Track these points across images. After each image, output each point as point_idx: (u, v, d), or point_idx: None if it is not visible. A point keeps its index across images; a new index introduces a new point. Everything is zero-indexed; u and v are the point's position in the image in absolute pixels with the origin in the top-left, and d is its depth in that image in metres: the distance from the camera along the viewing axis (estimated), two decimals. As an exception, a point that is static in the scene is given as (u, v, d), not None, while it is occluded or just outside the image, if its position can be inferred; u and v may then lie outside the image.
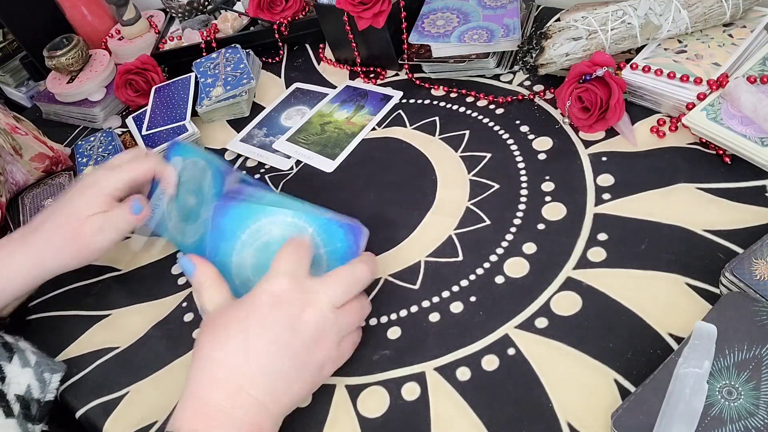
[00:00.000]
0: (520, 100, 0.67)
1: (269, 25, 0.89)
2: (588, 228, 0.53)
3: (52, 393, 0.55)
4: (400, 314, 0.52)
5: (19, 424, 0.52)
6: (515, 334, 0.48)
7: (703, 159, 0.54)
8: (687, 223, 0.50)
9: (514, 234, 0.54)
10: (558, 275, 0.50)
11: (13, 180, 0.78)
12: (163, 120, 0.81)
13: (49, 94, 0.96)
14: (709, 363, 0.38)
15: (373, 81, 0.78)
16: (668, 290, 0.46)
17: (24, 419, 0.52)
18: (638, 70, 0.59)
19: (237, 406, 0.41)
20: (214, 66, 0.85)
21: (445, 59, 0.72)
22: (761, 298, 0.41)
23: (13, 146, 0.79)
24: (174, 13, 1.03)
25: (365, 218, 0.61)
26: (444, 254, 0.55)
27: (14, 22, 1.03)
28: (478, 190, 0.59)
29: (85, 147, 0.82)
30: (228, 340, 0.43)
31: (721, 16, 0.58)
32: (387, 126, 0.71)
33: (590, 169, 0.57)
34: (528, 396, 0.44)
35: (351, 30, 0.76)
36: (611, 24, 0.60)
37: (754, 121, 0.51)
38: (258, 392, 0.42)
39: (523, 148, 0.62)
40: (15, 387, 0.52)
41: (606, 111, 0.58)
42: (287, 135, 0.75)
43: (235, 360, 0.42)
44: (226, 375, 0.42)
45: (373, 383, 0.48)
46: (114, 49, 1.02)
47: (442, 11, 0.75)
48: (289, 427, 0.47)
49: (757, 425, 0.36)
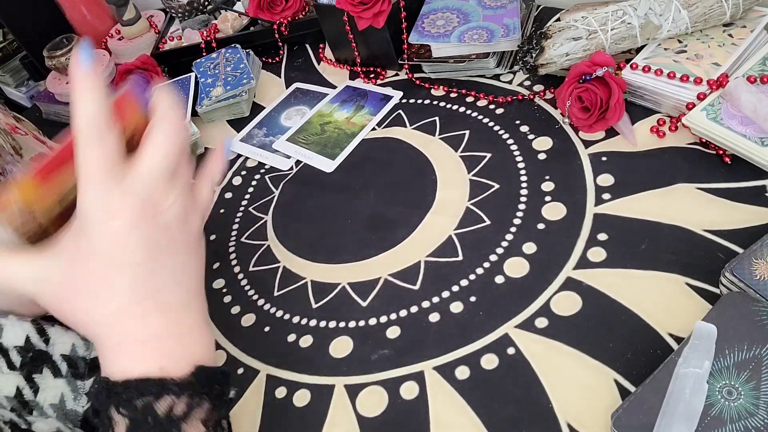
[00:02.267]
0: (520, 100, 0.67)
1: (269, 25, 0.89)
2: (588, 228, 0.53)
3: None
4: (399, 314, 0.52)
5: (68, 382, 0.52)
6: (515, 333, 0.48)
7: (703, 159, 0.54)
8: (687, 223, 0.50)
9: (514, 234, 0.54)
10: (558, 275, 0.50)
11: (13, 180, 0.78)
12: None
13: (49, 94, 0.96)
14: (709, 363, 0.38)
15: (373, 81, 0.78)
16: (668, 290, 0.46)
17: (72, 377, 0.53)
18: (638, 70, 0.59)
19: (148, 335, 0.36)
20: (214, 66, 0.85)
21: (445, 59, 0.72)
22: (761, 298, 0.41)
23: (13, 146, 0.79)
24: (174, 13, 1.03)
25: (365, 218, 0.62)
26: (444, 254, 0.55)
27: (14, 22, 1.03)
28: (478, 190, 0.59)
29: (85, 147, 0.82)
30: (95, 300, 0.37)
31: (721, 16, 0.58)
32: (387, 126, 0.71)
33: (590, 169, 0.57)
34: (527, 396, 0.44)
35: (351, 30, 0.76)
36: (611, 24, 0.60)
37: (754, 121, 0.51)
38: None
39: (523, 148, 0.62)
40: (60, 347, 0.52)
41: (606, 111, 0.58)
42: (287, 135, 0.75)
43: (117, 314, 0.37)
44: (120, 335, 0.37)
45: (372, 383, 0.48)
46: (114, 49, 1.02)
47: (442, 11, 0.75)
48: (288, 426, 0.47)
49: (757, 425, 0.36)
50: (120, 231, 0.36)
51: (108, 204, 0.35)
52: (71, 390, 0.53)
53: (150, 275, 0.37)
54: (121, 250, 0.36)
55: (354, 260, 0.58)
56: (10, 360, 0.50)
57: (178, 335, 0.37)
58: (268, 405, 0.50)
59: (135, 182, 0.36)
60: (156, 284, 0.37)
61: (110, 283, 0.36)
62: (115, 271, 0.36)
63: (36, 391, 0.51)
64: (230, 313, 0.58)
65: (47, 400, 0.52)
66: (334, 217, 0.63)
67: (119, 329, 0.37)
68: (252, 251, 0.63)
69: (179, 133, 0.38)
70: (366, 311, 0.53)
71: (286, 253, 0.62)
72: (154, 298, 0.37)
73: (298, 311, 0.56)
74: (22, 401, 0.50)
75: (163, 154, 0.37)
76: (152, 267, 0.37)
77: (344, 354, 0.51)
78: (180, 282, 0.39)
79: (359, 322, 0.53)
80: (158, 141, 0.37)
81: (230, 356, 0.54)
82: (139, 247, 0.36)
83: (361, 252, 0.58)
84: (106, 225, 0.36)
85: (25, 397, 0.50)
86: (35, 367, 0.51)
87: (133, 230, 0.36)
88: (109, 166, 0.35)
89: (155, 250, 0.37)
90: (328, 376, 0.50)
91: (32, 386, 0.51)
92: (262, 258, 0.62)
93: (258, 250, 0.63)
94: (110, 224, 0.36)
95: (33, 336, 0.51)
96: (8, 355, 0.50)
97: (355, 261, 0.58)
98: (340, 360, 0.51)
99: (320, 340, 0.53)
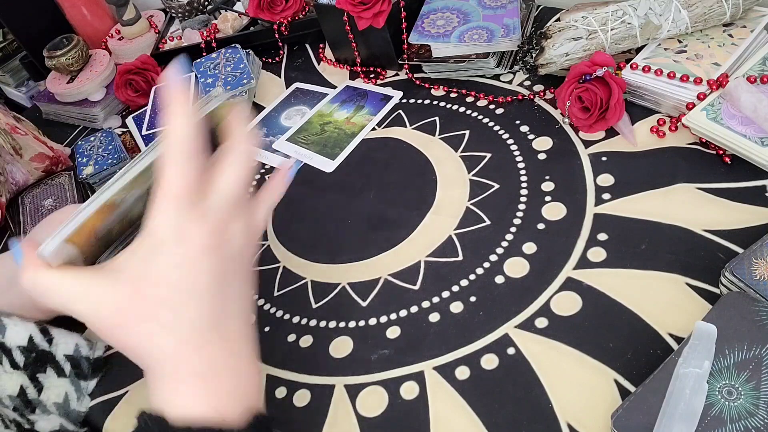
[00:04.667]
0: (520, 100, 0.67)
1: (269, 25, 0.89)
2: (588, 228, 0.53)
3: (101, 349, 0.54)
4: (399, 314, 0.52)
5: (72, 382, 0.52)
6: (515, 333, 0.48)
7: (703, 159, 0.54)
8: (687, 223, 0.50)
9: (514, 234, 0.54)
10: (558, 275, 0.50)
11: (13, 180, 0.78)
12: (163, 120, 0.81)
13: (49, 94, 0.96)
14: (709, 363, 0.38)
15: (373, 81, 0.78)
16: (668, 290, 0.46)
17: (76, 377, 0.53)
18: (638, 70, 0.59)
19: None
20: (214, 66, 0.85)
21: (445, 59, 0.72)
22: (761, 298, 0.41)
23: (13, 146, 0.79)
24: (174, 13, 1.03)
25: (365, 218, 0.62)
26: (444, 254, 0.55)
27: (14, 22, 1.03)
28: (478, 190, 0.59)
29: (85, 147, 0.82)
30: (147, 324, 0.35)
31: (721, 16, 0.58)
32: (387, 126, 0.71)
33: (590, 169, 0.57)
34: (527, 396, 0.44)
35: (351, 30, 0.76)
36: (611, 24, 0.60)
37: (754, 121, 0.51)
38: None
39: (523, 148, 0.62)
40: (63, 347, 0.52)
41: (606, 111, 0.58)
42: (287, 135, 0.75)
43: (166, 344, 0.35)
44: (173, 365, 0.35)
45: (372, 383, 0.48)
46: (114, 49, 1.02)
47: (442, 11, 0.75)
48: (288, 426, 0.47)
49: (757, 425, 0.36)
50: (191, 257, 0.35)
51: (182, 228, 0.35)
52: (75, 390, 0.54)
53: (214, 305, 0.36)
54: (190, 276, 0.35)
55: (354, 260, 0.58)
56: (14, 359, 0.50)
57: (234, 369, 0.36)
58: (268, 405, 0.50)
59: (209, 208, 0.35)
60: (219, 315, 0.36)
61: (175, 310, 0.35)
62: (182, 298, 0.35)
63: (40, 390, 0.51)
64: (230, 313, 0.58)
65: (51, 398, 0.52)
66: (334, 217, 0.63)
67: (179, 358, 0.35)
68: (252, 251, 0.63)
69: (252, 160, 0.38)
70: (366, 311, 0.53)
71: (286, 253, 0.62)
72: (217, 328, 0.36)
73: (298, 311, 0.56)
74: (25, 400, 0.50)
75: (236, 180, 0.37)
76: (217, 296, 0.36)
77: (344, 354, 0.51)
78: (239, 313, 0.38)
79: (359, 322, 0.53)
80: (233, 167, 0.37)
81: (230, 356, 0.54)
82: (207, 274, 0.35)
83: (361, 252, 0.58)
84: (177, 249, 0.35)
85: (29, 395, 0.51)
86: (39, 367, 0.51)
87: (203, 257, 0.35)
88: (188, 190, 0.35)
89: (221, 279, 0.36)
90: (328, 376, 0.50)
91: (36, 385, 0.51)
92: (262, 258, 0.62)
93: (258, 250, 0.63)
94: (182, 248, 0.35)
95: (36, 336, 0.51)
96: (11, 354, 0.50)
97: (355, 261, 0.58)
98: (340, 360, 0.51)
99: (320, 340, 0.53)
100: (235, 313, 0.37)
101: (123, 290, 0.35)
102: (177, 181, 0.34)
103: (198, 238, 0.35)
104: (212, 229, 0.35)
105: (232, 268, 0.37)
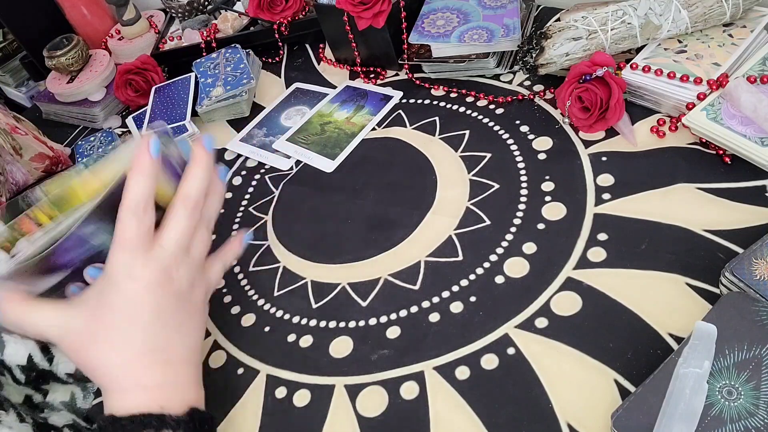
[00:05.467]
0: (520, 100, 0.67)
1: (269, 25, 0.89)
2: (588, 228, 0.53)
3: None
4: (399, 314, 0.52)
5: (77, 383, 0.54)
6: (515, 333, 0.48)
7: (703, 159, 0.54)
8: (687, 223, 0.50)
9: (514, 234, 0.54)
10: (558, 275, 0.50)
11: (13, 180, 0.78)
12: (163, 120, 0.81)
13: (49, 94, 0.96)
14: (709, 363, 0.38)
15: (373, 81, 0.78)
16: (668, 290, 0.46)
17: (81, 381, 0.55)
18: (638, 70, 0.59)
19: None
20: (214, 66, 0.85)
21: (445, 59, 0.72)
22: (761, 298, 0.41)
23: (13, 146, 0.79)
24: (174, 13, 1.03)
25: (365, 218, 0.62)
26: (444, 254, 0.55)
27: (14, 22, 1.03)
28: (478, 190, 0.59)
29: (85, 147, 0.82)
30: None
31: (721, 16, 0.58)
32: (387, 126, 0.71)
33: (590, 169, 0.57)
34: (527, 396, 0.44)
35: (351, 30, 0.76)
36: (611, 24, 0.60)
37: (754, 121, 0.51)
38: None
39: (523, 148, 0.62)
40: (64, 366, 0.54)
41: (606, 111, 0.58)
42: (287, 135, 0.75)
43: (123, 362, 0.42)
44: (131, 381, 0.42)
45: (372, 383, 0.48)
46: (114, 49, 1.02)
47: (442, 11, 0.75)
48: (288, 426, 0.47)
49: (757, 425, 0.36)
50: (138, 293, 0.42)
51: (132, 268, 0.41)
52: (81, 389, 0.54)
53: (158, 332, 0.43)
54: (136, 308, 0.42)
55: (354, 260, 0.58)
56: (15, 377, 0.51)
57: (175, 384, 0.43)
58: (268, 405, 0.50)
59: (157, 254, 0.42)
60: (162, 341, 0.43)
61: (125, 335, 0.42)
62: (129, 326, 0.42)
63: (45, 394, 0.52)
64: (230, 313, 0.58)
65: (58, 399, 0.53)
66: (334, 217, 0.63)
67: (128, 374, 0.42)
68: (252, 251, 0.63)
69: (197, 211, 0.44)
70: (366, 311, 0.53)
71: (286, 253, 0.62)
72: (161, 351, 0.43)
73: (298, 311, 0.56)
74: (32, 405, 0.51)
75: (182, 230, 0.43)
76: (161, 326, 0.43)
77: (344, 354, 0.51)
78: (182, 341, 0.45)
79: (359, 322, 0.53)
80: (179, 218, 0.43)
81: (230, 356, 0.54)
82: (152, 308, 0.42)
83: (361, 252, 0.58)
84: (126, 286, 0.42)
85: (35, 401, 0.51)
86: (41, 383, 0.53)
87: (148, 294, 0.42)
88: (142, 238, 0.41)
89: (165, 312, 0.43)
90: (328, 376, 0.50)
91: (41, 392, 0.52)
92: (262, 258, 0.62)
93: (258, 250, 0.63)
94: (130, 285, 0.42)
95: (36, 355, 0.53)
96: (12, 372, 0.51)
97: (355, 261, 0.58)
98: (340, 360, 0.51)
99: (320, 340, 0.53)
100: (179, 342, 0.44)
101: (84, 318, 0.42)
102: (133, 231, 0.41)
103: (145, 277, 0.42)
104: (158, 271, 0.42)
105: (177, 304, 0.44)
